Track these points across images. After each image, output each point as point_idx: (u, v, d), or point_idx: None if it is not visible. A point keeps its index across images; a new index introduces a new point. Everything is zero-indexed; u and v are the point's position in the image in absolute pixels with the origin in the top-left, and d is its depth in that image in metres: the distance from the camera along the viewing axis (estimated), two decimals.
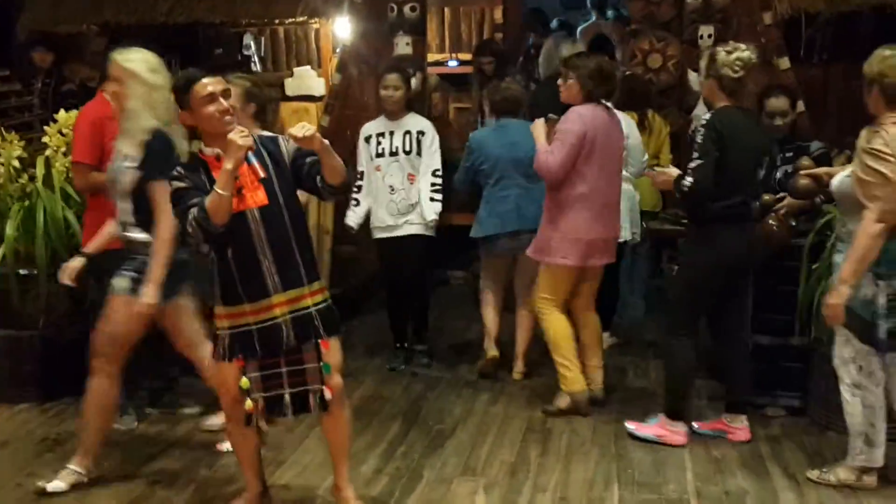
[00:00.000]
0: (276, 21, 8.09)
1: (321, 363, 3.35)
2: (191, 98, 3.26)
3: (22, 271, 4.77)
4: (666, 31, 6.73)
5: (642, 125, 5.77)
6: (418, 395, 5.02)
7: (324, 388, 3.37)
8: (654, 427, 4.36)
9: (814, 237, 4.45)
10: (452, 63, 8.42)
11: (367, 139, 5.43)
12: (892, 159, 3.52)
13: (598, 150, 4.56)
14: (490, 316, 5.41)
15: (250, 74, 8.43)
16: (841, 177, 3.86)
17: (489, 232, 5.17)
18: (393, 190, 5.34)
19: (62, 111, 4.96)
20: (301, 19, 7.34)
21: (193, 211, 3.17)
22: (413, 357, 5.53)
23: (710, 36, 6.31)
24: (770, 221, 4.52)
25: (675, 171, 4.22)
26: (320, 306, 3.38)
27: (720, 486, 3.93)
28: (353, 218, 5.47)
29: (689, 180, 4.06)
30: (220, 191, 3.13)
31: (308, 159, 3.34)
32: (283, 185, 3.34)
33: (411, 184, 5.34)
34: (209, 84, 3.26)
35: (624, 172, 5.04)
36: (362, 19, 6.78)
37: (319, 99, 8.05)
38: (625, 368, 5.45)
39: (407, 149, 5.35)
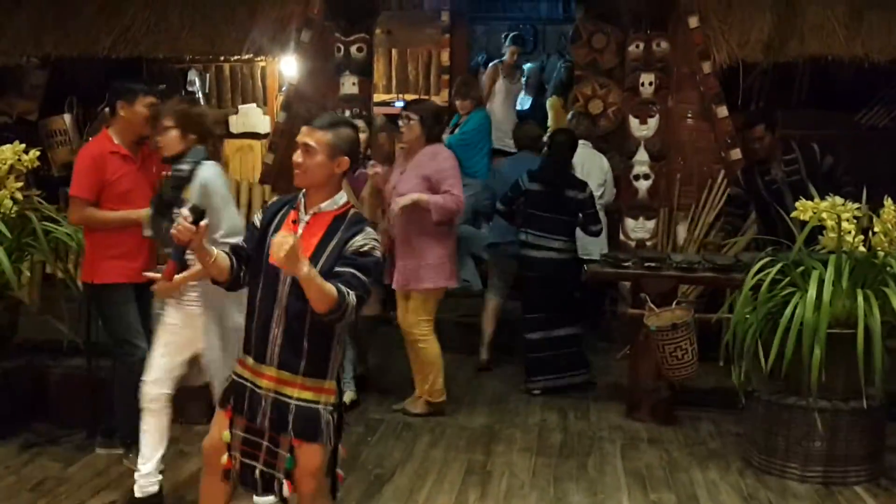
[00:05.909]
0: (222, 58, 8.07)
1: (287, 455, 3.14)
2: None
3: None
4: (608, 77, 6.86)
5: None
6: (358, 438, 4.94)
7: (284, 480, 3.16)
8: None
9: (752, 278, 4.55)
10: (399, 104, 8.47)
11: None
12: None
13: None
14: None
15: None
16: None
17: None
18: None
19: None
20: (247, 57, 7.32)
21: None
22: None
23: (650, 84, 6.44)
24: None
25: None
26: (302, 404, 3.10)
27: None
28: None
29: None
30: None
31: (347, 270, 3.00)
32: (326, 268, 3.01)
33: None
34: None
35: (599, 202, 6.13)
36: (309, 58, 6.79)
37: (264, 136, 8.02)
38: (564, 409, 5.48)
39: None
